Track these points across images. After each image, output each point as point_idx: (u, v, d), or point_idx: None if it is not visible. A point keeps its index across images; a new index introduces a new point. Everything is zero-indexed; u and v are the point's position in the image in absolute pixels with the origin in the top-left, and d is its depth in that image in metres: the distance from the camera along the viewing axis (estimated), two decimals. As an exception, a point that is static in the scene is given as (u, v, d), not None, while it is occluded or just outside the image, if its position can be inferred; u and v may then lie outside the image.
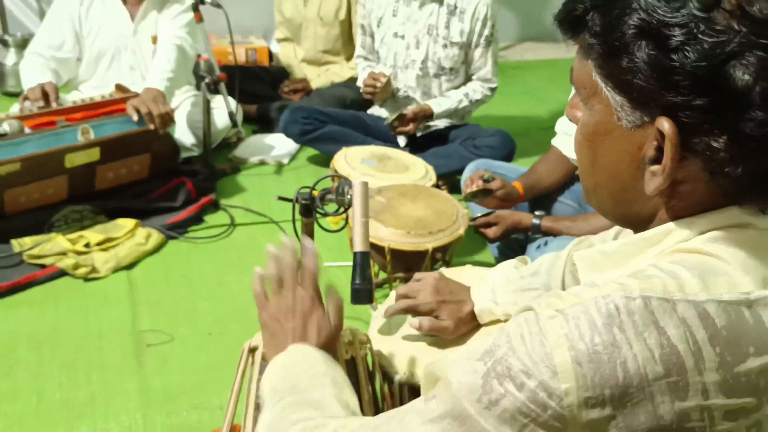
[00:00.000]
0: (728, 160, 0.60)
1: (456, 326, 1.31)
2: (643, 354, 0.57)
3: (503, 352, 0.62)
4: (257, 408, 1.14)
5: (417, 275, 1.41)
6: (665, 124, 0.61)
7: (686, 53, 0.58)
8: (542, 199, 2.34)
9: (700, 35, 0.57)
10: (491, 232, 2.15)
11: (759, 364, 0.59)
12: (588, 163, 0.74)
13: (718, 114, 0.59)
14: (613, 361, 0.58)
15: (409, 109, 2.82)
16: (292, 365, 0.97)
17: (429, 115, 2.84)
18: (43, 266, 2.16)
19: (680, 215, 0.68)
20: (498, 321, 1.32)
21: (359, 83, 3.00)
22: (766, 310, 0.61)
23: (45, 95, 2.53)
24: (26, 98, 2.56)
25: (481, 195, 2.12)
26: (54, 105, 2.52)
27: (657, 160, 0.64)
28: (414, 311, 1.34)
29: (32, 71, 2.71)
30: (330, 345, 1.02)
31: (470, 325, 1.33)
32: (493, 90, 2.91)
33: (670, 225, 0.68)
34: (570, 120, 0.79)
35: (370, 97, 2.87)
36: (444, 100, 2.86)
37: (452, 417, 0.64)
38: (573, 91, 0.81)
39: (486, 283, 1.32)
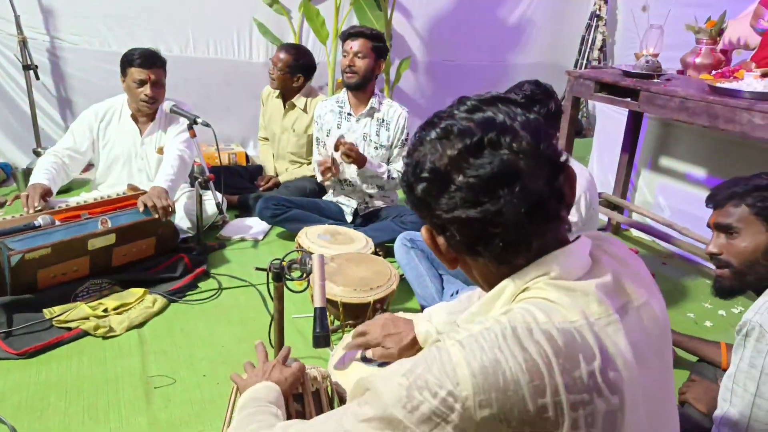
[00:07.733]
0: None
1: (399, 352, 1.31)
2: (515, 367, 0.64)
3: (421, 370, 0.67)
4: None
5: (376, 317, 1.44)
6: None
7: None
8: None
9: None
10: None
11: (587, 369, 0.66)
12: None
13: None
14: (496, 373, 0.64)
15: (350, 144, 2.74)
16: (257, 391, 1.09)
17: (362, 161, 2.77)
18: (69, 329, 2.07)
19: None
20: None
21: (319, 179, 2.99)
22: (588, 332, 0.68)
23: (35, 197, 2.41)
24: (18, 197, 2.46)
25: None
26: (39, 205, 2.38)
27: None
28: (366, 345, 1.37)
29: (40, 169, 2.61)
30: (292, 383, 1.17)
31: (412, 350, 1.32)
32: None
33: (503, 283, 0.76)
34: None
35: (326, 175, 2.83)
36: (377, 163, 2.86)
37: (380, 419, 0.68)
38: None
39: (425, 312, 1.38)
